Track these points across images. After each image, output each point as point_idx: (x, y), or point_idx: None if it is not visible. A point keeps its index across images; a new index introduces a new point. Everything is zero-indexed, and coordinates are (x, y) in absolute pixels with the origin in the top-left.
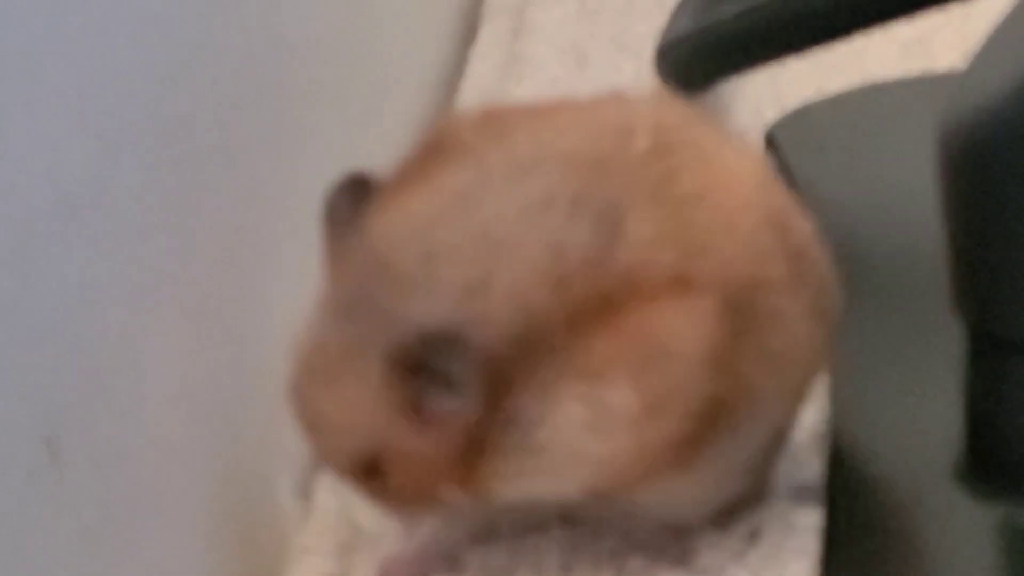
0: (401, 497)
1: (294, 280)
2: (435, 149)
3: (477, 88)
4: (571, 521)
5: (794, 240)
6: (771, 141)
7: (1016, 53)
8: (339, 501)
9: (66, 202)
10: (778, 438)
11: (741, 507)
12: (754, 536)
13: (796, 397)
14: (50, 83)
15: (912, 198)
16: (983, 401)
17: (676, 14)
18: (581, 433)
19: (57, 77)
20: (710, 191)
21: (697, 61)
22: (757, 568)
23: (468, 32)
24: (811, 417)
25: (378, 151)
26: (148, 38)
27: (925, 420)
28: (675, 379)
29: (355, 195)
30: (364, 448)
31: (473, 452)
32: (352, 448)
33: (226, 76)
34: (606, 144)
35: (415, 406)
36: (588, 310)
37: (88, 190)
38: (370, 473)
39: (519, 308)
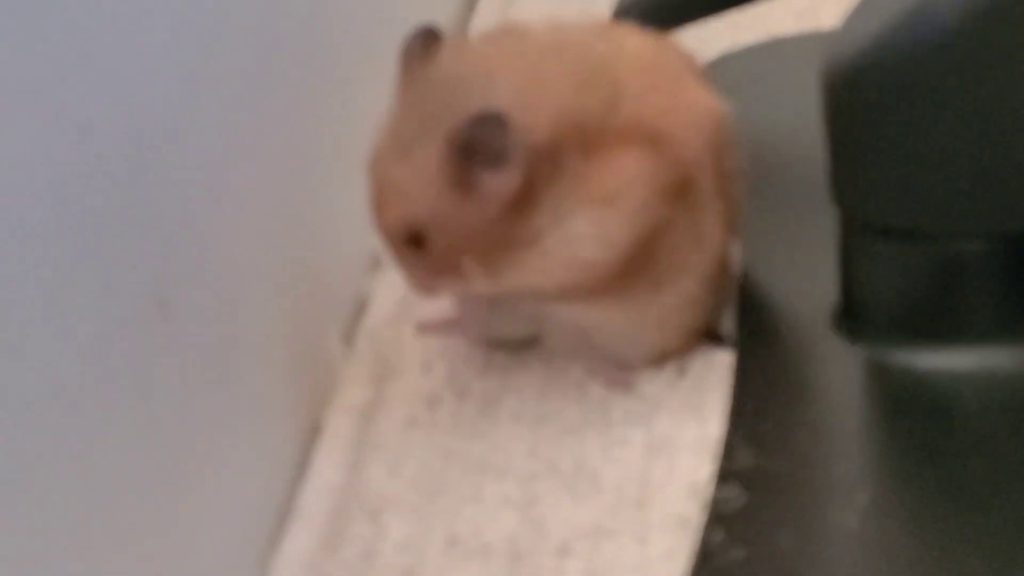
0: (434, 268)
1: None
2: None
3: None
4: (548, 356)
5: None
6: None
7: (879, 11)
8: (375, 345)
9: (178, 100)
10: (698, 305)
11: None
12: (682, 371)
13: (706, 276)
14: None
15: (803, 122)
16: (851, 271)
17: None
18: (583, 243)
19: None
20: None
21: (647, 19)
22: (685, 397)
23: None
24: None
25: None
26: None
27: (811, 282)
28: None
29: (427, 41)
30: (416, 216)
31: (499, 239)
32: (406, 215)
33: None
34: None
35: (464, 181)
36: (597, 145)
37: (195, 101)
38: (416, 242)
39: (556, 115)
